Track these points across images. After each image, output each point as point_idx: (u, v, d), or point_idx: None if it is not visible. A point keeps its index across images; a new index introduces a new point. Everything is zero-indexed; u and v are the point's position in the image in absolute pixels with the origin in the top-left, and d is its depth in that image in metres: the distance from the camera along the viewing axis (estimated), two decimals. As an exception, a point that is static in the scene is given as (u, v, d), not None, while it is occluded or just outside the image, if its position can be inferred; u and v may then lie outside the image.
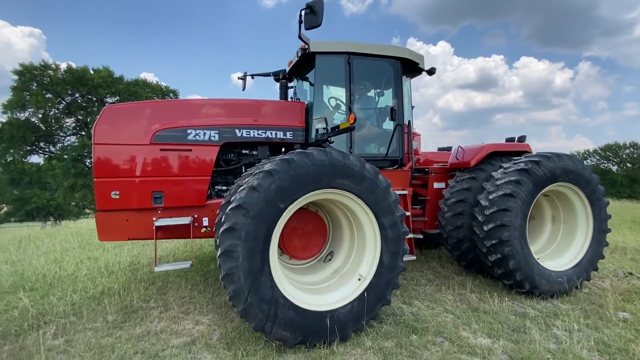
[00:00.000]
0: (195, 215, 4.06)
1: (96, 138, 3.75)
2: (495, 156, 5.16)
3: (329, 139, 4.23)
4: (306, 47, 4.65)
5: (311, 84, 5.42)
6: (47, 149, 30.73)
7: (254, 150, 4.67)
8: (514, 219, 4.21)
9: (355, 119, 3.63)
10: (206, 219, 4.15)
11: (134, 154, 3.85)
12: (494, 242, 4.26)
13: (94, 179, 3.75)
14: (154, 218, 3.89)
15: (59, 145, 30.67)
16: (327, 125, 4.04)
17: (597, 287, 4.80)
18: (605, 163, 48.58)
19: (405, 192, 4.52)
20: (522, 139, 5.52)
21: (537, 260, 4.38)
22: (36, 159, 33.21)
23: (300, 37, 4.42)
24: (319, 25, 3.74)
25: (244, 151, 4.61)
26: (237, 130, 4.33)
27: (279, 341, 3.05)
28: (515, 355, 3.04)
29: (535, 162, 4.37)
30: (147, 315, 3.89)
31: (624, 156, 47.04)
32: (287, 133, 4.66)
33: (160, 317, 3.84)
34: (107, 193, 3.74)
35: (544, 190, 4.42)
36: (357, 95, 5.11)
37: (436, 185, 5.55)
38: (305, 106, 4.88)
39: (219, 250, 2.90)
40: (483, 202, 4.44)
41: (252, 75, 6.14)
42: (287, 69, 5.56)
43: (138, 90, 29.26)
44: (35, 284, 5.00)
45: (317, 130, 4.30)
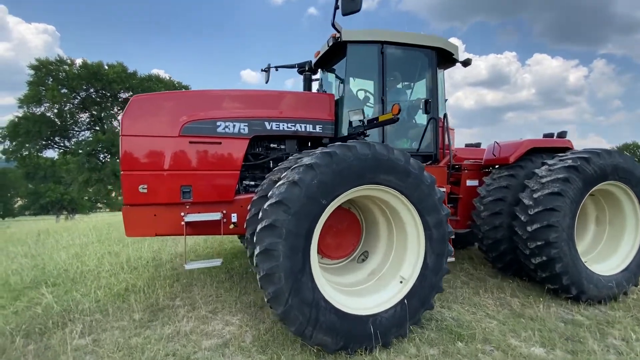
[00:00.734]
0: (224, 211, 3.88)
1: (124, 129, 3.59)
2: (534, 152, 4.88)
3: (364, 132, 4.00)
4: (338, 35, 4.42)
5: (337, 77, 5.20)
6: (62, 144, 31.10)
7: (282, 144, 4.48)
8: (562, 219, 3.93)
9: (400, 110, 3.39)
10: (234, 214, 3.97)
11: (163, 146, 3.68)
12: (539, 243, 3.99)
13: (121, 171, 3.59)
14: (182, 213, 3.73)
15: (73, 140, 31.02)
16: (364, 117, 3.81)
17: (646, 293, 4.50)
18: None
19: (443, 189, 4.27)
20: (562, 134, 5.20)
21: (585, 264, 4.10)
22: (51, 153, 33.75)
23: (333, 25, 4.21)
24: (358, 11, 3.50)
25: (272, 145, 4.41)
26: (266, 123, 4.14)
27: (319, 346, 2.85)
28: (576, 368, 2.80)
29: (585, 158, 4.08)
30: (174, 314, 3.74)
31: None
32: (317, 126, 4.45)
33: (188, 317, 3.68)
34: (135, 187, 3.58)
35: (594, 188, 4.13)
36: (389, 87, 4.87)
37: (469, 182, 5.29)
38: (335, 98, 4.66)
39: (257, 248, 2.71)
40: (526, 201, 4.17)
41: (276, 67, 5.94)
42: (314, 60, 5.35)
43: (151, 86, 29.34)
44: (57, 279, 4.91)
45: (350, 123, 4.08)
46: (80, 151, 28.06)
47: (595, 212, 4.82)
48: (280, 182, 2.86)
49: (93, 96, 29.79)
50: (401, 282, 3.20)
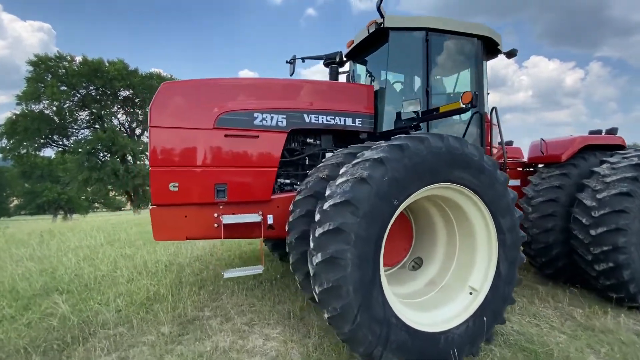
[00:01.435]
0: (261, 212, 3.50)
1: (153, 120, 3.19)
2: (585, 150, 4.54)
3: (418, 125, 3.63)
4: (380, 21, 4.05)
5: (368, 70, 4.84)
6: (60, 142, 30.48)
7: (318, 140, 4.11)
8: (632, 222, 3.60)
9: (472, 98, 3.02)
10: (270, 216, 3.59)
11: (196, 140, 3.28)
12: (604, 248, 3.64)
13: (150, 167, 3.20)
14: (216, 214, 3.35)
15: (72, 138, 30.43)
16: (420, 107, 3.45)
17: None
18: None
19: None
20: (613, 131, 4.87)
21: (654, 271, 3.75)
22: (49, 152, 33.12)
23: (378, 9, 3.86)
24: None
25: (308, 140, 4.04)
26: (305, 116, 3.76)
27: (386, 369, 2.48)
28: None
29: (654, 156, 3.74)
30: (206, 326, 3.36)
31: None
32: (356, 120, 4.08)
33: (222, 330, 3.30)
34: (165, 185, 3.19)
35: (663, 189, 3.79)
36: (433, 78, 4.50)
37: (511, 182, 4.93)
38: (374, 90, 4.29)
39: (319, 256, 2.34)
40: (588, 202, 3.82)
41: (303, 59, 5.54)
42: (345, 51, 4.99)
43: (153, 84, 28.80)
44: (69, 286, 4.51)
45: (398, 115, 3.71)
46: (79, 150, 27.46)
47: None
48: (341, 179, 2.48)
49: (93, 94, 29.20)
50: (471, 294, 2.84)
